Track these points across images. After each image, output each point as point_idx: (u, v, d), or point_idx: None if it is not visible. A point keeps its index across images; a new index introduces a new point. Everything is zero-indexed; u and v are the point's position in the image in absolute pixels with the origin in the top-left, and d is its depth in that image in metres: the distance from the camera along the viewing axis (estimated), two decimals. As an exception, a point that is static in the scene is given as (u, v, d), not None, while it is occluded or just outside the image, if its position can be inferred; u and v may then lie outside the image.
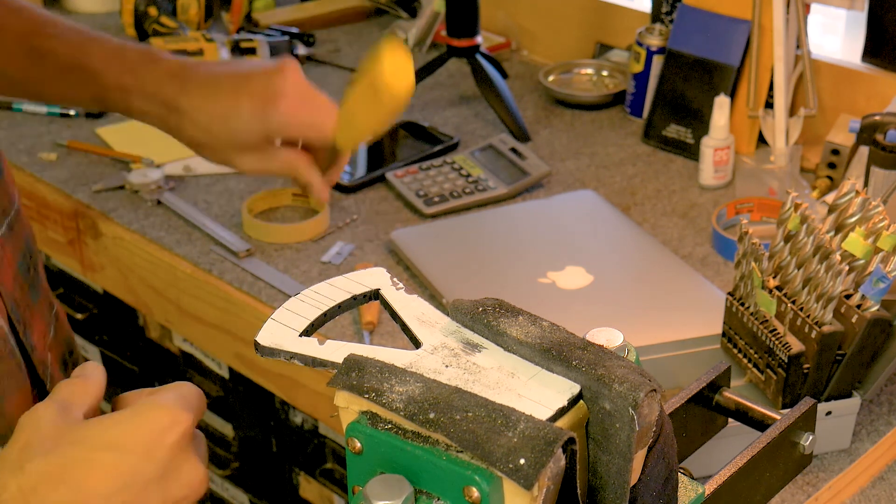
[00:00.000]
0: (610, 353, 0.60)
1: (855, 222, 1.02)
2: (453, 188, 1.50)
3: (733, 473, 0.69)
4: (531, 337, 0.62)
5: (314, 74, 1.88)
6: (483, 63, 1.72)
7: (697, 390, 0.74)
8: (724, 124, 1.51)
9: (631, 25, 1.75)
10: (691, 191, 1.53)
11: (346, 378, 0.59)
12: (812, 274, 1.01)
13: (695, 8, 1.61)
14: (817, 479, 1.04)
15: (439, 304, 1.24)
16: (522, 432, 0.55)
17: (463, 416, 0.56)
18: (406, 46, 1.17)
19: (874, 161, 1.27)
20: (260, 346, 0.64)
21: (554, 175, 1.57)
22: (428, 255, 1.34)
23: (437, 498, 0.56)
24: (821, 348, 1.00)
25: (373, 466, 0.58)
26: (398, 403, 0.57)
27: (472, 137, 1.68)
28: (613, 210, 1.43)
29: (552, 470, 0.54)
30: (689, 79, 1.61)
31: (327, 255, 1.39)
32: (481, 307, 0.64)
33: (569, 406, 0.59)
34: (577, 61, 1.85)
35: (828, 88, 1.56)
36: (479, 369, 0.61)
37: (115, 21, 2.10)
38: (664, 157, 1.63)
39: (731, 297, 1.08)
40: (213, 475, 1.68)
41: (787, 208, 1.04)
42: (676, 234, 1.43)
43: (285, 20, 2.04)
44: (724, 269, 1.35)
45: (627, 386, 0.57)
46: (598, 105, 1.77)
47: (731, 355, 1.10)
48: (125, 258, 1.47)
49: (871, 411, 1.11)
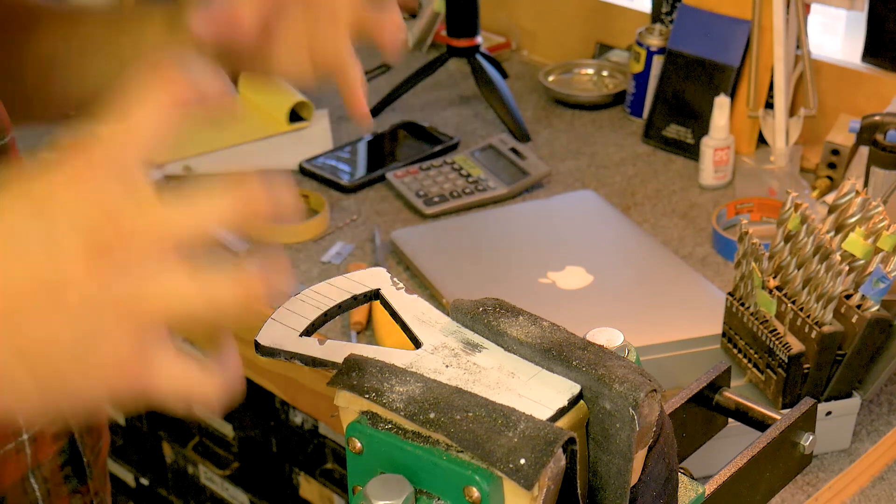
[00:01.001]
0: (610, 353, 0.60)
1: (855, 222, 1.02)
2: (453, 188, 1.50)
3: (733, 473, 0.69)
4: (531, 337, 0.62)
5: (314, 74, 1.88)
6: (483, 63, 1.72)
7: (697, 390, 0.74)
8: (724, 124, 1.51)
9: (631, 25, 1.75)
10: (691, 191, 1.53)
11: (347, 378, 0.59)
12: (812, 274, 1.01)
13: (695, 8, 1.61)
14: (817, 479, 1.04)
15: (439, 304, 1.24)
16: (523, 432, 0.55)
17: (463, 416, 0.56)
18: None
19: (874, 161, 1.27)
20: (260, 346, 0.64)
21: (554, 175, 1.57)
22: (428, 255, 1.34)
23: (437, 498, 0.56)
24: (821, 348, 1.00)
25: (373, 466, 0.58)
26: (398, 403, 0.57)
27: (472, 137, 1.68)
28: (613, 210, 1.43)
29: (552, 470, 0.54)
30: (689, 79, 1.61)
31: (327, 255, 1.39)
32: (481, 307, 0.64)
33: (569, 406, 0.59)
34: (577, 61, 1.85)
35: (828, 88, 1.56)
36: (480, 369, 0.61)
37: (115, 21, 2.10)
38: (664, 157, 1.63)
39: (731, 297, 1.08)
40: (214, 475, 1.68)
41: (787, 208, 1.04)
42: (676, 234, 1.43)
43: (285, 20, 2.04)
44: (724, 269, 1.35)
45: (628, 386, 0.57)
46: (598, 105, 1.77)
47: (731, 355, 1.10)
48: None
49: (871, 411, 1.11)
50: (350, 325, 1.25)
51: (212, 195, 0.51)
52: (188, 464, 1.73)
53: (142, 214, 0.49)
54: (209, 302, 0.50)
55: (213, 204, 0.51)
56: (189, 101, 0.51)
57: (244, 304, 0.50)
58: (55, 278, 0.48)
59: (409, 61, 1.91)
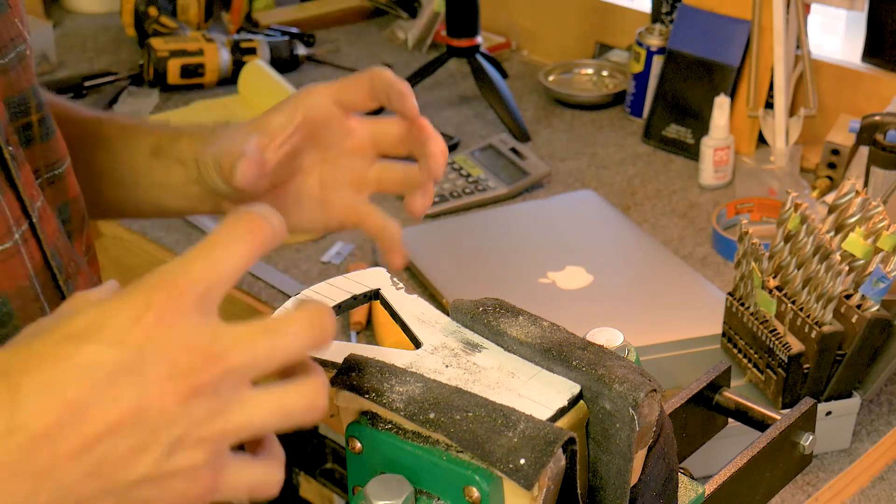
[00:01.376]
0: (610, 353, 0.60)
1: (855, 222, 1.02)
2: (453, 188, 1.50)
3: (733, 473, 0.69)
4: (531, 337, 0.62)
5: (314, 74, 1.88)
6: (483, 63, 1.72)
7: (697, 390, 0.74)
8: (724, 124, 1.51)
9: (631, 25, 1.75)
10: (691, 191, 1.53)
11: (347, 378, 0.59)
12: (812, 274, 1.01)
13: (695, 8, 1.61)
14: (817, 479, 1.04)
15: (439, 304, 1.24)
16: (522, 432, 0.55)
17: (463, 416, 0.56)
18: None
19: (874, 161, 1.27)
20: (260, 346, 0.64)
21: (554, 175, 1.57)
22: (428, 255, 1.34)
23: (437, 498, 0.56)
24: (821, 348, 1.00)
25: (373, 466, 0.58)
26: (398, 403, 0.57)
27: (472, 137, 1.68)
28: (613, 210, 1.43)
29: (552, 470, 0.54)
30: (689, 79, 1.61)
31: (327, 255, 1.39)
32: (481, 307, 0.64)
33: (569, 406, 0.59)
34: (577, 61, 1.85)
35: (828, 88, 1.56)
36: (480, 369, 0.61)
37: (115, 21, 2.10)
38: (664, 157, 1.63)
39: (731, 297, 1.08)
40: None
41: (787, 208, 1.04)
42: (676, 234, 1.43)
43: (285, 20, 2.04)
44: (724, 269, 1.35)
45: (628, 386, 0.57)
46: (598, 105, 1.77)
47: (731, 355, 1.10)
48: (125, 258, 1.47)
49: (871, 411, 1.11)
50: (350, 325, 1.25)
51: (290, 324, 0.53)
52: (188, 464, 1.73)
53: (225, 348, 0.52)
54: (284, 418, 0.53)
55: (294, 336, 0.53)
56: (270, 245, 0.54)
57: (311, 415, 0.54)
58: (144, 405, 0.50)
59: (409, 61, 1.91)
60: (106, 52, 2.01)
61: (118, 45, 2.02)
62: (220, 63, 1.83)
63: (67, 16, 2.18)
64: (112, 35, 2.07)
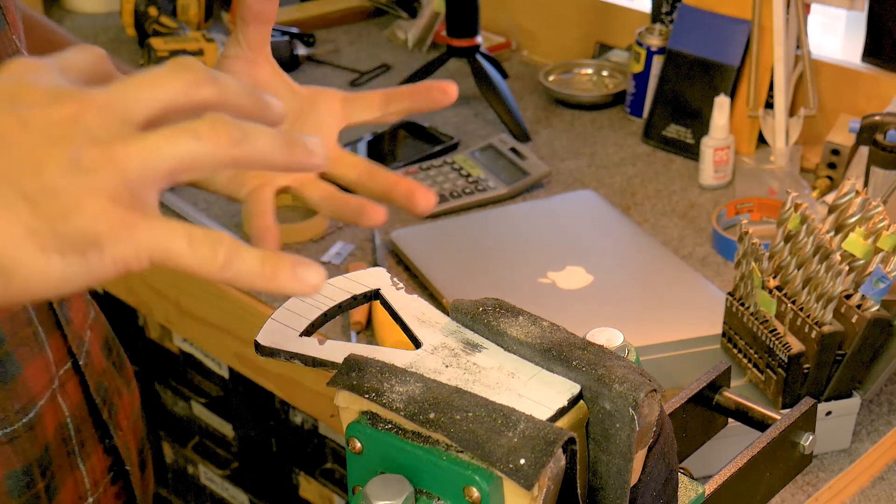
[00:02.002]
0: (610, 353, 0.60)
1: (855, 222, 1.02)
2: (453, 188, 1.50)
3: (733, 473, 0.69)
4: (531, 337, 0.62)
5: (314, 74, 1.88)
6: (483, 63, 1.72)
7: (697, 390, 0.74)
8: (724, 124, 1.51)
9: (631, 25, 1.75)
10: (691, 191, 1.53)
11: (347, 378, 0.59)
12: (812, 274, 1.01)
13: (695, 8, 1.61)
14: (817, 479, 1.04)
15: (439, 304, 1.24)
16: (522, 432, 0.55)
17: (463, 416, 0.56)
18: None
19: (874, 161, 1.27)
20: (260, 346, 0.64)
21: (554, 175, 1.57)
22: (428, 255, 1.34)
23: (437, 498, 0.56)
24: (821, 348, 1.00)
25: (373, 466, 0.58)
26: (398, 403, 0.57)
27: (472, 137, 1.68)
28: (613, 210, 1.43)
29: (552, 470, 0.54)
30: (689, 79, 1.61)
31: (327, 255, 1.39)
32: (481, 307, 0.64)
33: (569, 406, 0.59)
34: (577, 61, 1.85)
35: (828, 88, 1.56)
36: (480, 369, 0.61)
37: (115, 21, 2.10)
38: (664, 157, 1.63)
39: (731, 297, 1.08)
40: (214, 475, 1.68)
41: (787, 208, 1.04)
42: (676, 234, 1.43)
43: (285, 20, 2.04)
44: (724, 269, 1.35)
45: (628, 386, 0.57)
46: (598, 105, 1.77)
47: (731, 355, 1.10)
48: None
49: (871, 411, 1.11)
50: (350, 325, 1.25)
51: (159, 70, 0.52)
52: (188, 464, 1.73)
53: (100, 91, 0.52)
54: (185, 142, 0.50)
55: (164, 82, 0.52)
56: (208, 99, 0.51)
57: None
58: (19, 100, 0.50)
59: (409, 61, 1.91)
60: (106, 52, 2.00)
61: (118, 45, 2.02)
62: (220, 63, 1.83)
63: (67, 16, 2.18)
64: (112, 35, 2.07)
